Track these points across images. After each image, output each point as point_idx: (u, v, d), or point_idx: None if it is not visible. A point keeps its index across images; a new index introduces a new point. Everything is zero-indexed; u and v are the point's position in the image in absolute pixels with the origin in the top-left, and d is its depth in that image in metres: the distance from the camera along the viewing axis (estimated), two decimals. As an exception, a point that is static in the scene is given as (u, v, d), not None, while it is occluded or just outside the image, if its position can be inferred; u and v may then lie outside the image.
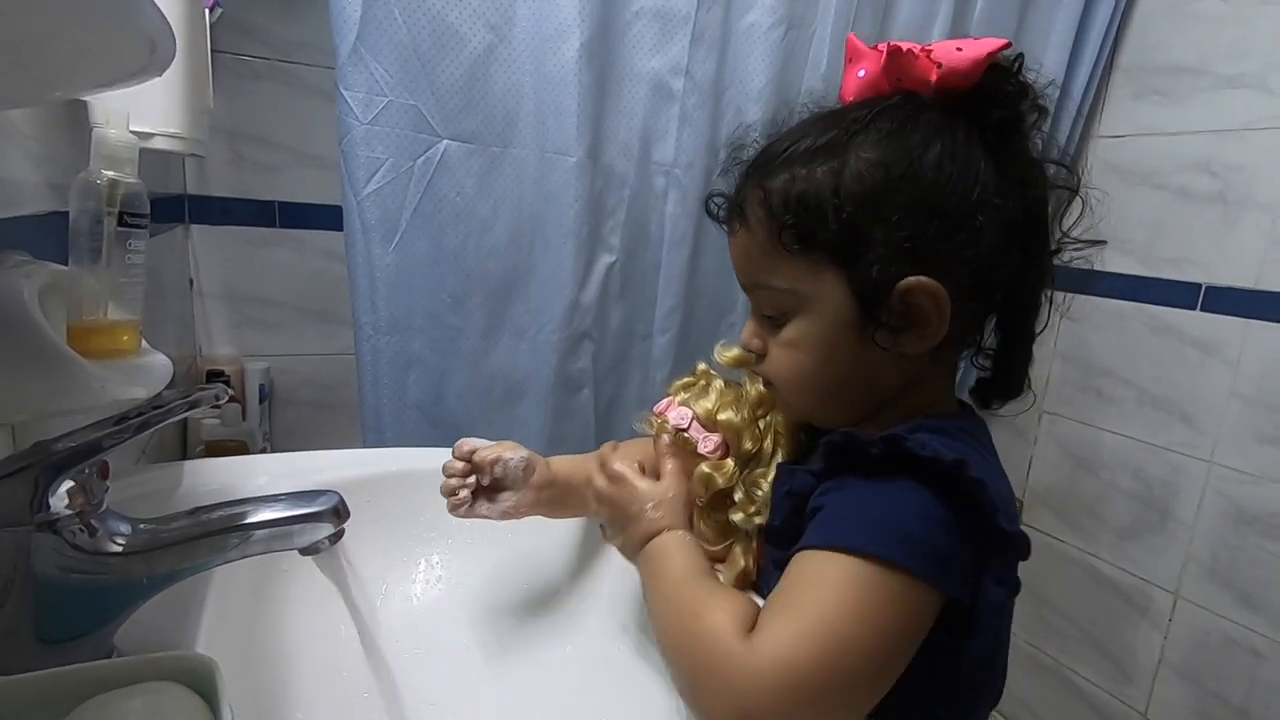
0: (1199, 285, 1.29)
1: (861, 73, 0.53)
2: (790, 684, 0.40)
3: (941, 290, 0.49)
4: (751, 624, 0.44)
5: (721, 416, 0.62)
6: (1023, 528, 0.47)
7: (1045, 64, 1.36)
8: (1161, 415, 1.35)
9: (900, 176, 0.48)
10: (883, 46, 0.52)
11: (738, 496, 0.61)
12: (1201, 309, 1.29)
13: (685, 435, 0.63)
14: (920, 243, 0.48)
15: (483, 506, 0.63)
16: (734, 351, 0.65)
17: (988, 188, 0.49)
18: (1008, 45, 0.49)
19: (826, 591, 0.43)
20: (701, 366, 0.68)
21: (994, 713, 1.77)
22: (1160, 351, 1.35)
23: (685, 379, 0.68)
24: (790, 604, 0.44)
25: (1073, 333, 1.49)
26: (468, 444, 0.65)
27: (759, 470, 0.61)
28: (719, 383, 0.66)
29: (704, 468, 0.61)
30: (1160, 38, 1.36)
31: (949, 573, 0.45)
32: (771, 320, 0.55)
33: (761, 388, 0.63)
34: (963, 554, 0.45)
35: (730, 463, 0.61)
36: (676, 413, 0.64)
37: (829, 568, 0.44)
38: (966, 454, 0.45)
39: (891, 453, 0.46)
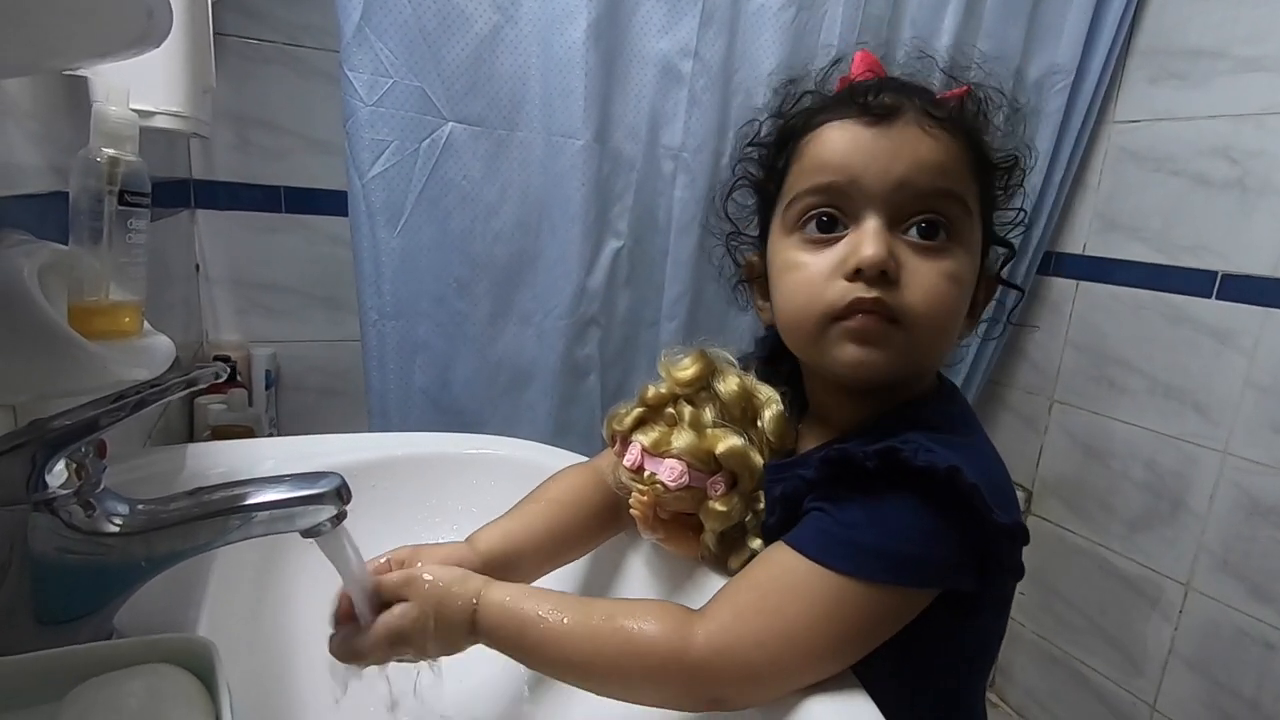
0: (1215, 273, 1.27)
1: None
2: (729, 658, 0.44)
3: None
4: (673, 620, 0.45)
5: (720, 449, 0.54)
6: (1033, 518, 0.47)
7: (1060, 47, 1.34)
8: (1175, 405, 1.33)
9: (1018, 165, 0.56)
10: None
11: (748, 520, 0.57)
12: (1217, 297, 1.26)
13: (684, 491, 0.55)
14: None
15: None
16: (690, 371, 0.57)
17: None
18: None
19: (801, 604, 0.44)
20: (689, 371, 0.58)
21: (1003, 705, 1.76)
22: (1175, 340, 1.33)
23: (637, 410, 0.58)
24: (762, 603, 0.45)
25: (1086, 321, 1.47)
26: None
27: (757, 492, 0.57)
28: (687, 411, 0.57)
29: (717, 506, 0.55)
30: (1178, 20, 1.33)
31: (939, 575, 0.46)
32: (926, 245, 0.49)
33: (731, 385, 0.56)
34: (956, 554, 0.46)
35: (735, 496, 0.56)
36: (666, 467, 0.55)
37: (809, 579, 0.45)
38: (961, 455, 0.44)
39: (886, 466, 0.45)
